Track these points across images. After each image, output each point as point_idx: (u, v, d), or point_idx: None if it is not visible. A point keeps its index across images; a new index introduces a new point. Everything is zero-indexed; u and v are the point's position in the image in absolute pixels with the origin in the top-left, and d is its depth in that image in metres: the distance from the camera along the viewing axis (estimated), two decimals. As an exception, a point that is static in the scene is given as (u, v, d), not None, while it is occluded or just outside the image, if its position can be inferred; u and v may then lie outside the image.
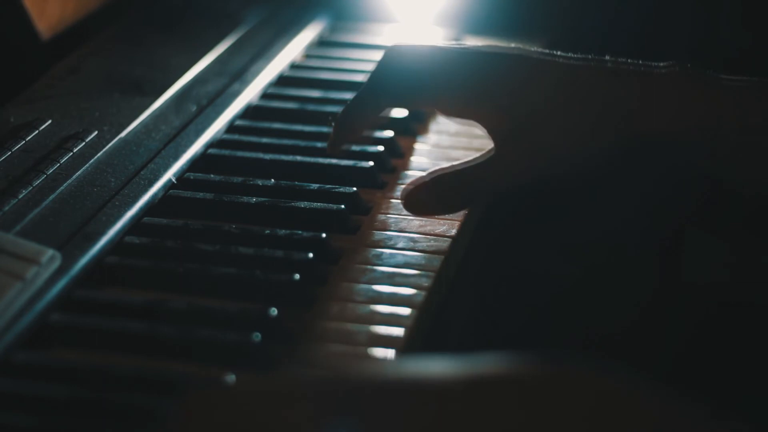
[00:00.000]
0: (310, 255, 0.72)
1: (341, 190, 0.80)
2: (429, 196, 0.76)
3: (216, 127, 0.88)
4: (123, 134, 0.84)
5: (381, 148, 0.87)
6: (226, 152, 0.86)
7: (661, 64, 0.74)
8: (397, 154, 0.89)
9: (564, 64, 0.74)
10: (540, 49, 0.76)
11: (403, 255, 0.75)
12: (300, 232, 0.75)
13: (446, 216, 0.79)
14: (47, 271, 0.67)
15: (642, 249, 0.84)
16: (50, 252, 0.67)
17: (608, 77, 0.73)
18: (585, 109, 0.72)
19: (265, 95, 0.96)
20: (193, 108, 0.90)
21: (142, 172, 0.80)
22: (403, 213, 0.80)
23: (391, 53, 0.78)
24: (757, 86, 0.72)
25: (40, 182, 0.76)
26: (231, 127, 0.90)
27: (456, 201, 0.77)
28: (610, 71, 0.74)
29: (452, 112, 0.77)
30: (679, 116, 0.71)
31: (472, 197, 0.77)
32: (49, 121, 0.84)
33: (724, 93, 0.72)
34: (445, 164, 0.78)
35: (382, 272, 0.73)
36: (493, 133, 0.75)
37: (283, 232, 0.75)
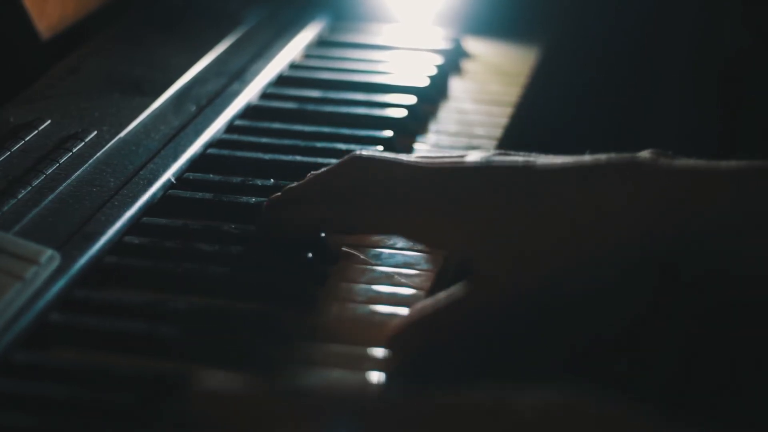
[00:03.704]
0: (310, 255, 0.72)
1: (341, 190, 0.80)
2: (417, 340, 0.67)
3: (215, 127, 0.88)
4: (122, 134, 0.84)
5: (380, 148, 0.86)
6: (226, 152, 0.86)
7: (643, 153, 0.68)
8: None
9: (540, 171, 0.68)
10: (515, 155, 0.70)
11: (403, 255, 0.75)
12: (299, 232, 0.75)
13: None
14: (46, 271, 0.67)
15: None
16: (49, 252, 0.67)
17: (584, 181, 0.67)
18: (563, 218, 0.67)
19: (264, 95, 0.96)
20: (193, 108, 0.90)
21: (141, 172, 0.80)
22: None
23: (354, 161, 0.72)
24: (740, 170, 0.67)
25: (39, 182, 0.76)
26: (230, 127, 0.90)
27: (447, 338, 0.67)
28: (586, 172, 0.67)
29: (417, 234, 0.71)
30: (654, 212, 0.66)
31: (465, 329, 0.68)
32: (49, 121, 0.84)
33: (712, 181, 0.66)
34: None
35: (382, 272, 0.73)
36: (471, 252, 0.68)
37: (282, 232, 0.75)
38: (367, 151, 0.74)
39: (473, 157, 0.71)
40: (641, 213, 0.66)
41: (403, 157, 0.73)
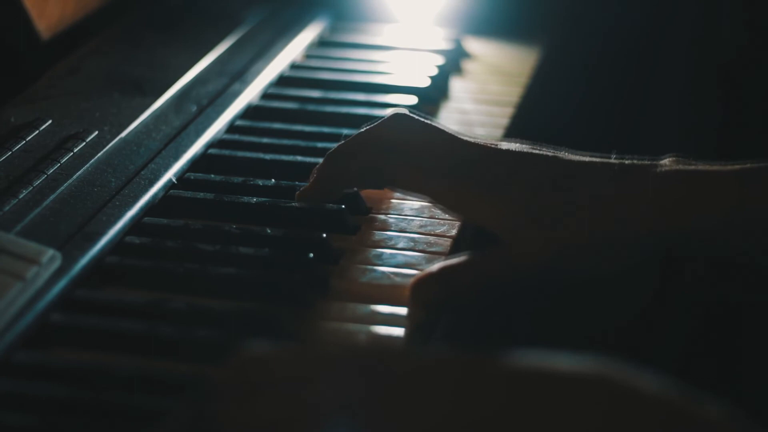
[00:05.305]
0: (310, 255, 0.72)
1: (341, 190, 0.80)
2: (437, 289, 0.71)
3: (216, 127, 0.88)
4: (123, 134, 0.84)
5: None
6: (227, 152, 0.86)
7: (662, 161, 0.72)
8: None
9: (569, 164, 0.72)
10: (542, 148, 0.74)
11: (404, 255, 0.75)
12: (300, 232, 0.75)
13: (446, 216, 0.79)
14: (47, 271, 0.67)
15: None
16: (50, 252, 0.67)
17: (608, 180, 0.71)
18: (587, 207, 0.71)
19: (265, 95, 0.96)
20: (194, 108, 0.90)
21: (142, 172, 0.80)
22: (403, 213, 0.80)
23: (397, 116, 0.75)
24: (747, 172, 0.70)
25: (40, 182, 0.76)
26: (231, 127, 0.90)
27: (465, 293, 0.72)
28: (611, 172, 0.71)
29: (448, 201, 0.74)
30: (674, 213, 0.70)
31: (481, 288, 0.72)
32: (50, 121, 0.84)
33: (715, 184, 0.70)
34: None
35: (383, 272, 0.73)
36: (498, 225, 0.71)
37: (283, 232, 0.75)
38: (407, 111, 0.76)
39: (508, 145, 0.74)
40: (653, 212, 0.69)
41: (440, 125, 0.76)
